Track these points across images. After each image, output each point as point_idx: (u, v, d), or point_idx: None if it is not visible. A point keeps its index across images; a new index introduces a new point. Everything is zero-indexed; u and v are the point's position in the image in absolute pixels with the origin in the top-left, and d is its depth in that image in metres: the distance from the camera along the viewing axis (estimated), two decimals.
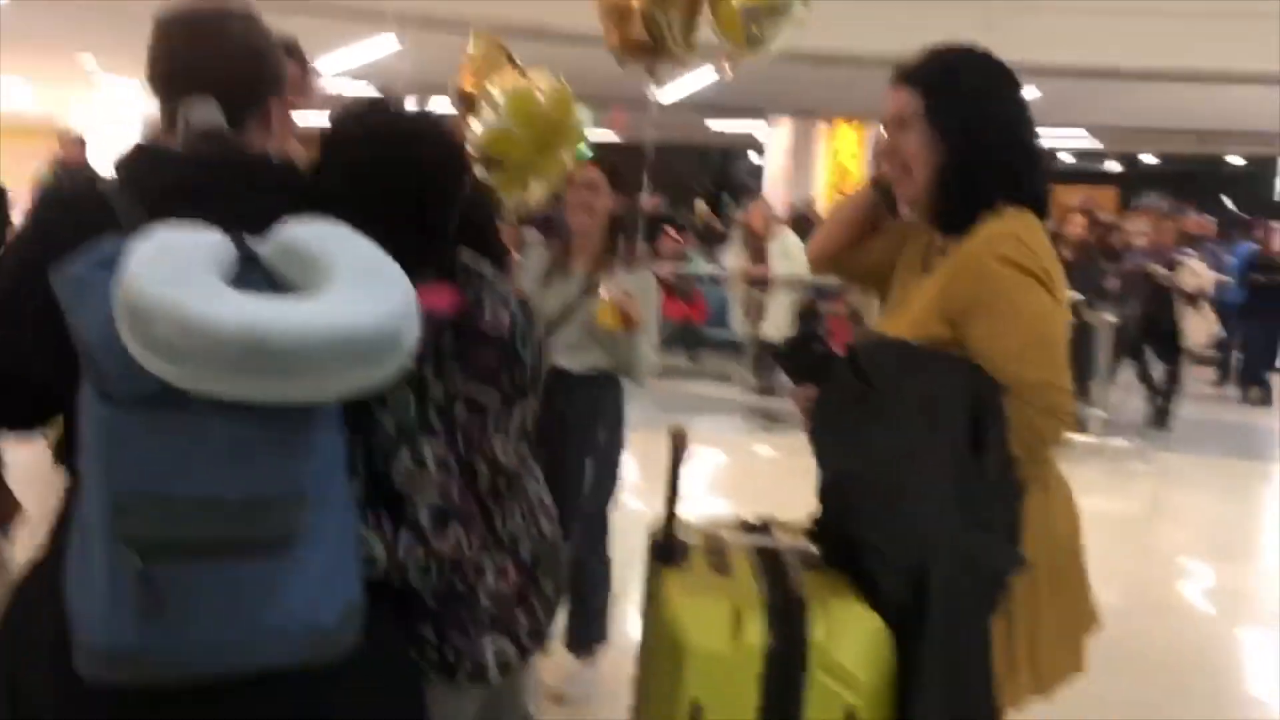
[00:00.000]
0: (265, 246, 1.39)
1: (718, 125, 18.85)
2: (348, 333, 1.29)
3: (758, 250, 8.41)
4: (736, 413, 8.40)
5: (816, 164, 16.80)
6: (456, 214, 1.69)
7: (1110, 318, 7.66)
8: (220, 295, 1.27)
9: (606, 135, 14.61)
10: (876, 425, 1.70)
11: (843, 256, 2.14)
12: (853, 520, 1.71)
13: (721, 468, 6.96)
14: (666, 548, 1.81)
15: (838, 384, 1.80)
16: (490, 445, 1.72)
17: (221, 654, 1.35)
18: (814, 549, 1.83)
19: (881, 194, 2.08)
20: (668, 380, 9.06)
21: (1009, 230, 1.82)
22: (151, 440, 1.30)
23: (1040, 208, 1.90)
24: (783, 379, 8.36)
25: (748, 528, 1.97)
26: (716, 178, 24.59)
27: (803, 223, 14.42)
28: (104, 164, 2.34)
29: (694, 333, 10.32)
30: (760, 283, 8.34)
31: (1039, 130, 1.94)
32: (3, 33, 10.86)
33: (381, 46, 9.38)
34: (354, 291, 1.33)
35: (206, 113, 1.49)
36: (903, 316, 1.93)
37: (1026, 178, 1.89)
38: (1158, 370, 9.25)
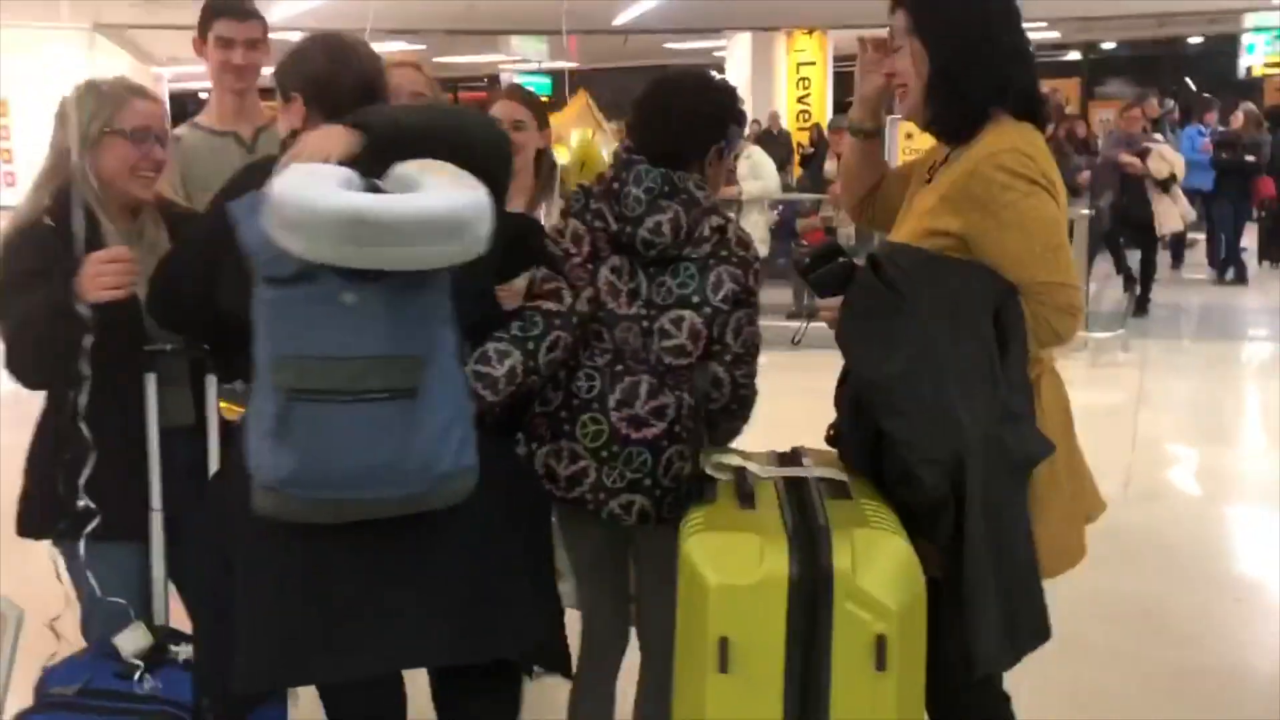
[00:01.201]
0: (385, 179, 1.79)
1: (676, 45, 18.62)
2: (424, 211, 1.68)
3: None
4: None
5: (778, 78, 16.65)
6: None
7: (1084, 210, 7.66)
8: (335, 190, 1.69)
9: (564, 64, 14.44)
10: (904, 328, 1.76)
11: (872, 208, 2.25)
12: (888, 419, 1.76)
13: None
14: (692, 485, 1.82)
15: (863, 291, 1.85)
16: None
17: (356, 482, 1.73)
18: (842, 477, 1.86)
19: (863, 137, 2.20)
20: None
21: (1009, 142, 1.87)
22: (293, 311, 1.74)
23: (1034, 112, 1.96)
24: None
25: (780, 459, 1.99)
26: None
27: (767, 138, 14.36)
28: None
29: None
30: (731, 202, 8.27)
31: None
32: None
33: None
34: (433, 191, 1.73)
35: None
36: (906, 224, 2.00)
37: (1015, 79, 1.94)
38: (1133, 260, 9.31)
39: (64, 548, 2.23)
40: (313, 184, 1.70)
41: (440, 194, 1.72)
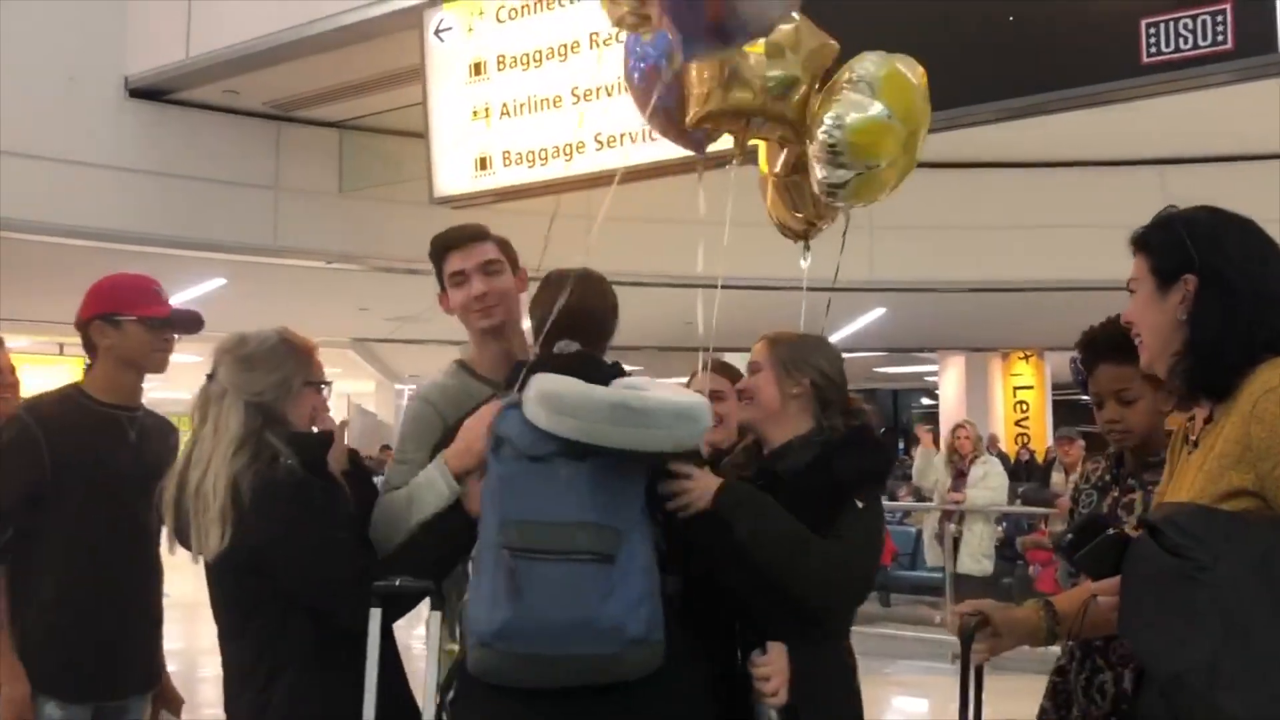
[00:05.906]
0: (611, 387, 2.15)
1: (885, 370, 18.82)
2: (679, 402, 2.11)
3: (959, 473, 8.08)
4: (937, 655, 7.88)
5: (994, 401, 16.42)
6: None
7: None
8: (596, 387, 2.10)
9: None
10: (1207, 601, 1.51)
11: None
12: (1209, 710, 1.48)
13: (927, 715, 6.47)
14: None
15: (1145, 564, 1.60)
16: None
17: (558, 636, 1.97)
18: None
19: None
20: (859, 625, 8.61)
21: None
22: (523, 484, 2.08)
23: None
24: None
25: None
26: (888, 421, 24.34)
27: None
28: None
29: (883, 574, 9.87)
30: (955, 514, 7.98)
31: None
32: None
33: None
34: (663, 392, 2.10)
35: (569, 346, 2.31)
36: (1179, 496, 1.74)
37: None
38: None
39: None
40: (569, 381, 2.09)
41: (674, 393, 2.13)
